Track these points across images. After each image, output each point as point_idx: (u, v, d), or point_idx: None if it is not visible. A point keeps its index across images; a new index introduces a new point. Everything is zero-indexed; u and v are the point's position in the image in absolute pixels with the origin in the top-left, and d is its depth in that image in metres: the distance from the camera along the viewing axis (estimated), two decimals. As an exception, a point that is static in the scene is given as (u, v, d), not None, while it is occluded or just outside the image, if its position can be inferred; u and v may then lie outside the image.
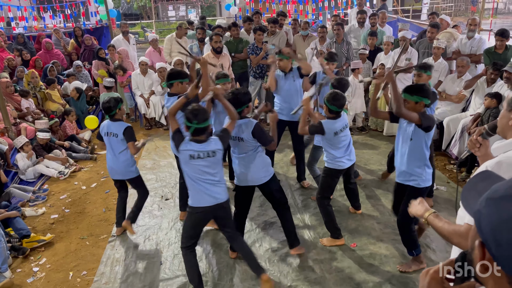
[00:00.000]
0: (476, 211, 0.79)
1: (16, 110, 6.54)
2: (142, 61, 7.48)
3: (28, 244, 4.04)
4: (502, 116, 1.72)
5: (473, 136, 1.88)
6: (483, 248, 0.77)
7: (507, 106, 1.70)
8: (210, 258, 3.79)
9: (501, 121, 1.72)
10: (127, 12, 29.11)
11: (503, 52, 5.72)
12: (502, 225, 0.72)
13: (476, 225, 0.79)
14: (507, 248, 0.70)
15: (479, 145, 1.86)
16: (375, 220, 4.24)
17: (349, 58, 6.97)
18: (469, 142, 1.91)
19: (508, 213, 0.72)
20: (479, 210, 0.78)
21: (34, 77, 7.27)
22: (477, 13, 14.82)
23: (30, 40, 9.43)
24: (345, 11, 12.89)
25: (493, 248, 0.73)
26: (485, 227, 0.75)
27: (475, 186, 0.91)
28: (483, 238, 0.76)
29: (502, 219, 0.72)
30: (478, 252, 0.78)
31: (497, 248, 0.72)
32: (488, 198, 0.78)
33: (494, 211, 0.75)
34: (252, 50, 6.84)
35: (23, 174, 5.60)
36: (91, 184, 5.51)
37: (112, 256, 3.89)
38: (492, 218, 0.74)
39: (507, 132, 1.67)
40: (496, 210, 0.74)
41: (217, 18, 19.39)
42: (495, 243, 0.73)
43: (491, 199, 0.77)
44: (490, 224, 0.74)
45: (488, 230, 0.75)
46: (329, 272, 3.49)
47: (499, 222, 0.73)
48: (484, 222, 0.76)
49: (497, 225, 0.73)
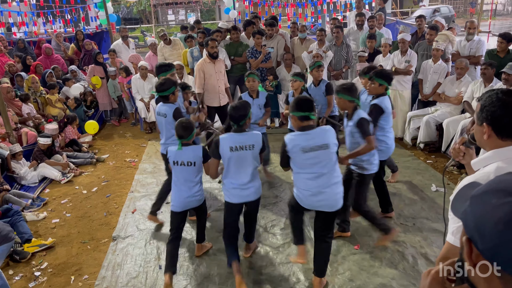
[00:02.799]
0: (462, 212, 0.83)
1: (17, 115, 6.57)
2: (142, 66, 7.51)
3: (30, 248, 4.05)
4: (476, 131, 1.66)
5: (456, 145, 1.88)
6: (470, 244, 0.79)
7: (477, 120, 1.64)
8: (211, 262, 3.80)
9: (477, 135, 1.67)
10: (126, 17, 29.23)
11: (504, 56, 5.74)
12: (484, 217, 0.75)
13: (463, 224, 0.82)
14: (490, 238, 0.73)
15: (463, 153, 1.86)
16: (375, 222, 4.25)
17: (348, 61, 7.00)
18: (452, 150, 1.90)
19: (489, 205, 0.75)
20: (465, 210, 0.82)
21: (35, 82, 7.31)
22: (475, 15, 14.85)
23: (31, 45, 9.48)
24: (344, 14, 12.94)
25: (478, 241, 0.76)
26: (470, 223, 0.79)
27: (463, 195, 0.93)
28: (469, 234, 0.79)
29: (483, 211, 0.75)
30: (466, 248, 0.80)
31: (481, 240, 0.75)
32: (471, 197, 0.81)
33: (477, 205, 0.78)
34: (251, 53, 6.87)
35: (24, 180, 5.61)
36: (92, 189, 5.52)
37: (114, 260, 3.90)
38: (475, 213, 0.78)
39: (485, 146, 1.63)
40: (479, 204, 0.78)
41: (217, 21, 19.43)
42: (479, 235, 0.75)
43: (474, 196, 0.81)
44: (474, 219, 0.77)
45: (472, 226, 0.78)
46: (330, 274, 3.50)
47: (481, 214, 0.76)
48: (469, 219, 0.79)
49: (479, 217, 0.76)
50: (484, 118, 1.58)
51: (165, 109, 4.09)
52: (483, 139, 1.60)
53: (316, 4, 11.97)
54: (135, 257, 3.92)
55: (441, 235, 3.95)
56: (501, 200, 0.73)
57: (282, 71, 7.17)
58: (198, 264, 3.75)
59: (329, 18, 9.80)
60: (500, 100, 1.54)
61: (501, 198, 0.74)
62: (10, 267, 3.88)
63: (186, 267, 3.72)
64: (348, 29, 7.89)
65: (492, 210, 0.74)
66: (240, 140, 3.17)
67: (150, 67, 7.92)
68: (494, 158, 1.54)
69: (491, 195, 0.77)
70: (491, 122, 1.55)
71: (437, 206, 4.49)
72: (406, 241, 3.90)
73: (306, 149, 2.95)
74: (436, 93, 6.11)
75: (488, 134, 1.56)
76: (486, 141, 1.59)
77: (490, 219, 0.73)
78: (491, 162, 1.54)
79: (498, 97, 1.54)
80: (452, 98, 5.89)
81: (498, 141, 1.55)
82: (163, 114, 4.11)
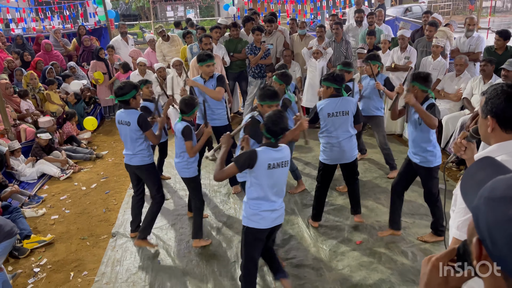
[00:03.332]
0: (474, 206, 0.80)
1: (15, 111, 6.55)
2: (141, 62, 7.47)
3: (29, 245, 4.05)
4: (480, 124, 1.65)
5: (457, 139, 1.88)
6: (480, 245, 0.78)
7: (481, 113, 1.63)
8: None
9: (481, 129, 1.66)
10: (125, 13, 29.11)
11: (502, 53, 5.73)
12: (498, 226, 0.73)
13: (474, 220, 0.79)
14: (502, 248, 0.72)
15: (465, 148, 1.85)
16: (375, 218, 4.26)
17: (347, 58, 6.97)
18: (454, 145, 1.90)
19: (504, 215, 0.72)
20: (478, 206, 0.79)
21: (33, 79, 7.28)
22: (475, 12, 14.84)
23: (29, 42, 9.43)
24: (343, 10, 12.89)
25: (490, 246, 0.75)
26: (483, 225, 0.76)
27: (473, 176, 0.90)
28: (480, 236, 0.77)
29: (498, 220, 0.73)
30: (476, 248, 0.79)
31: (493, 247, 0.74)
32: (486, 197, 0.78)
33: (491, 211, 0.75)
34: (250, 50, 6.85)
35: (24, 176, 5.60)
36: (91, 185, 5.51)
37: (113, 257, 3.90)
38: (489, 217, 0.75)
39: (489, 139, 1.61)
40: (493, 210, 0.75)
41: (215, 18, 19.37)
42: (491, 241, 0.74)
43: (489, 198, 0.77)
44: (487, 223, 0.75)
45: (485, 229, 0.76)
46: (329, 270, 3.50)
47: (495, 222, 0.73)
48: (482, 219, 0.77)
49: (493, 225, 0.74)
50: (488, 110, 1.57)
51: (127, 116, 3.68)
52: (487, 132, 1.58)
53: (315, 1, 11.92)
54: (134, 253, 3.92)
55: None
56: None
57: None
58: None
59: (328, 15, 9.76)
60: (505, 92, 1.53)
61: None
62: (10, 263, 3.88)
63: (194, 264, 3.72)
64: (347, 26, 7.86)
65: (507, 222, 0.71)
66: (277, 156, 2.78)
67: (149, 64, 7.89)
68: (498, 152, 1.52)
69: (508, 204, 0.73)
70: (495, 114, 1.54)
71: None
72: (406, 238, 3.90)
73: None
74: (436, 89, 6.10)
75: (492, 127, 1.55)
76: (490, 134, 1.57)
77: (505, 231, 0.71)
78: (495, 155, 1.50)
79: (503, 89, 1.53)
80: (452, 95, 5.89)
81: (503, 134, 1.54)
82: (126, 122, 3.70)
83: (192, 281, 3.48)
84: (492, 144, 1.57)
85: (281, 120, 2.76)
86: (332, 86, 3.81)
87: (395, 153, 5.95)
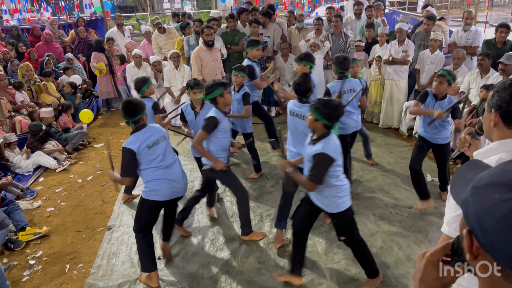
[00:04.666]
0: (463, 200, 0.80)
1: (10, 103, 6.50)
2: (136, 54, 7.43)
3: (24, 237, 4.03)
4: (485, 118, 1.62)
5: (462, 135, 1.86)
6: (471, 236, 0.78)
7: (487, 107, 1.60)
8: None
9: (485, 123, 1.63)
10: (121, 5, 28.88)
11: (501, 47, 5.72)
12: (487, 212, 0.73)
13: (464, 214, 0.79)
14: (492, 235, 0.71)
15: (469, 144, 1.83)
16: (370, 212, 4.27)
17: (346, 51, 6.95)
18: (458, 141, 1.88)
19: (492, 201, 0.73)
20: (466, 199, 0.79)
21: (29, 70, 7.21)
22: (473, 6, 14.80)
23: (24, 33, 9.34)
24: (341, 3, 12.82)
25: (480, 236, 0.74)
26: (471, 215, 0.76)
27: (463, 176, 0.91)
28: (470, 227, 0.77)
29: (486, 206, 0.73)
30: (466, 240, 0.79)
31: (483, 236, 0.73)
32: (473, 187, 0.79)
33: (479, 199, 0.76)
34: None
35: (19, 168, 5.57)
36: (87, 177, 5.49)
37: (109, 249, 3.89)
38: (477, 206, 0.75)
39: (491, 134, 1.58)
40: (480, 198, 0.75)
41: (212, 10, 19.23)
42: (480, 230, 0.74)
43: (476, 187, 0.78)
44: (475, 212, 0.75)
45: (474, 218, 0.76)
46: (325, 263, 3.51)
47: (483, 209, 0.73)
48: (470, 210, 0.77)
49: (481, 213, 0.74)
50: (493, 104, 1.54)
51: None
52: (490, 126, 1.55)
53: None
54: (130, 246, 3.92)
55: (436, 225, 3.97)
56: (504, 195, 0.71)
57: (278, 60, 7.13)
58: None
59: (326, 8, 9.73)
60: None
61: (504, 193, 0.72)
62: (5, 255, 3.87)
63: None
64: (346, 19, 7.83)
65: (494, 206, 0.72)
66: (300, 110, 3.49)
67: (145, 56, 7.84)
68: (498, 149, 1.49)
69: (494, 189, 0.74)
70: (499, 107, 1.50)
71: (432, 196, 4.49)
72: (401, 231, 3.91)
73: None
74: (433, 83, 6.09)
75: (495, 121, 1.51)
76: (493, 129, 1.54)
77: (492, 215, 0.71)
78: (494, 153, 1.48)
79: (510, 83, 1.50)
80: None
81: (505, 130, 1.50)
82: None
83: (189, 274, 3.48)
84: (494, 141, 1.54)
85: (302, 83, 3.49)
86: (308, 65, 4.21)
87: (391, 147, 5.97)
